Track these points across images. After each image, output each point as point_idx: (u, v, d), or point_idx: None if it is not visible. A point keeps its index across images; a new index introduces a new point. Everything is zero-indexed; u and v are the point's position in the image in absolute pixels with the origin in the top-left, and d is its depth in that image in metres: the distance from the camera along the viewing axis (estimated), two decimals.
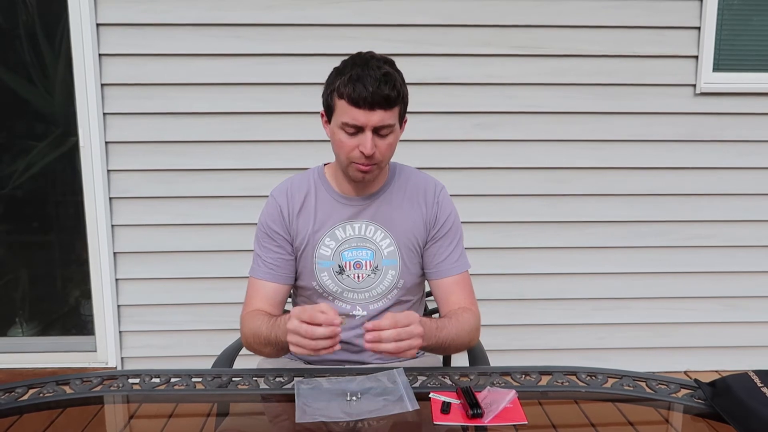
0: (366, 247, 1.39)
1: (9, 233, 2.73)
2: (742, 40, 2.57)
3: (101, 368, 2.64)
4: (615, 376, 1.23)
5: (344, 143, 1.29)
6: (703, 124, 2.59)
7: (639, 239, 2.66)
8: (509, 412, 1.07)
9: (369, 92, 1.22)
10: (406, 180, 1.44)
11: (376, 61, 1.27)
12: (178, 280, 2.59)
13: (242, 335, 1.38)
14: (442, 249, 1.42)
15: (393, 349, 1.09)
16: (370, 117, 1.24)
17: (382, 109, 1.24)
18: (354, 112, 1.24)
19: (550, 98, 2.54)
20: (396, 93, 1.25)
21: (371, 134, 1.26)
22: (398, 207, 1.41)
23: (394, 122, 1.28)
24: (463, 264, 1.44)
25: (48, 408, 1.15)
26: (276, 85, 2.46)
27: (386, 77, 1.24)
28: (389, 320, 1.10)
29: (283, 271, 1.41)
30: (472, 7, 2.46)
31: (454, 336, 1.30)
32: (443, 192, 1.45)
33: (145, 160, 2.50)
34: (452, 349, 1.34)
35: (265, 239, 1.41)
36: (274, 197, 1.42)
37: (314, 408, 1.08)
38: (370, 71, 1.23)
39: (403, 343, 1.10)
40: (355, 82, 1.23)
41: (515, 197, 2.61)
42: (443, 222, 1.42)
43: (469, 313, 1.37)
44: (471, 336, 1.36)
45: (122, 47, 2.42)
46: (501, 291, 2.64)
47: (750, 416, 1.02)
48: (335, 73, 1.30)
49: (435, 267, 1.42)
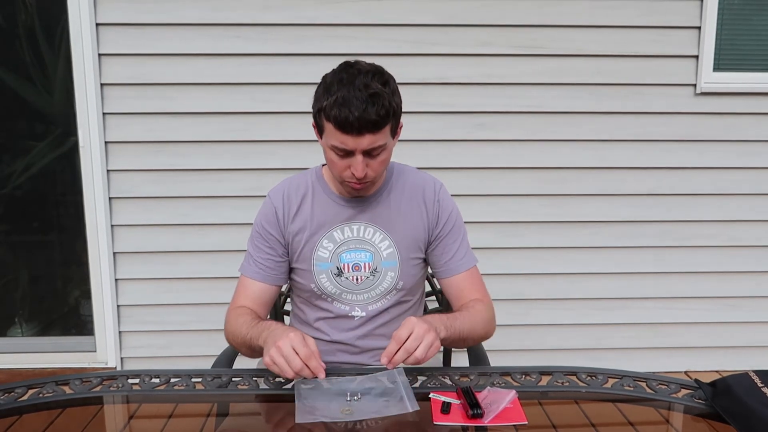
0: (365, 249, 1.38)
1: (9, 233, 2.73)
2: (742, 39, 2.56)
3: (101, 368, 2.64)
4: (615, 376, 1.23)
5: (336, 163, 1.27)
6: (703, 124, 2.59)
7: (639, 239, 2.66)
8: (509, 413, 1.07)
9: (355, 117, 1.17)
10: (404, 181, 1.43)
11: (363, 77, 1.19)
12: (177, 280, 2.59)
13: (225, 331, 1.38)
14: (448, 247, 1.41)
15: (413, 361, 1.11)
16: (359, 142, 1.20)
17: (370, 133, 1.20)
18: (342, 137, 1.20)
19: (550, 98, 2.54)
20: (384, 112, 1.19)
21: (361, 157, 1.23)
22: (397, 208, 1.40)
23: (384, 141, 1.24)
24: (471, 259, 1.43)
25: (48, 408, 1.15)
26: (276, 84, 2.47)
27: (373, 98, 1.17)
28: (394, 343, 1.12)
29: (273, 272, 1.40)
30: (472, 6, 2.45)
31: (469, 327, 1.30)
32: (443, 190, 1.44)
33: (145, 160, 2.50)
34: (470, 340, 1.35)
35: (258, 239, 1.41)
36: (270, 198, 1.42)
37: (314, 408, 1.08)
38: (356, 92, 1.17)
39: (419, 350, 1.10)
40: (340, 106, 1.17)
41: (515, 197, 2.61)
42: (446, 220, 1.41)
43: (481, 305, 1.37)
44: (486, 327, 1.37)
45: (122, 47, 2.42)
46: (501, 291, 2.64)
47: (750, 416, 1.02)
48: (322, 90, 1.23)
49: (444, 266, 1.42)
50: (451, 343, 1.31)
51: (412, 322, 1.13)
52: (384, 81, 1.23)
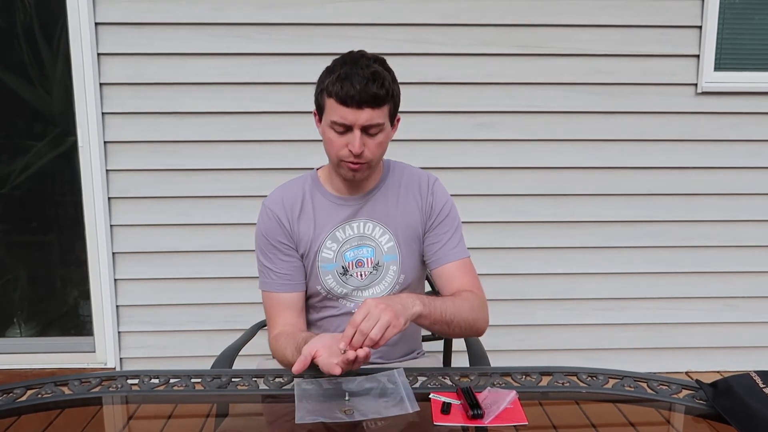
0: (366, 245, 1.39)
1: (7, 233, 2.73)
2: (743, 39, 2.56)
3: (100, 369, 2.63)
4: (616, 376, 1.23)
5: (333, 141, 1.29)
6: (704, 124, 2.58)
7: (639, 239, 2.66)
8: (510, 413, 1.07)
9: (356, 90, 1.22)
10: (400, 175, 1.44)
11: (366, 59, 1.26)
12: (177, 280, 2.59)
13: (276, 360, 1.37)
14: (440, 236, 1.41)
15: (369, 343, 1.08)
16: (358, 116, 1.24)
17: (370, 108, 1.24)
18: (342, 110, 1.24)
19: (550, 98, 2.53)
20: (384, 92, 1.24)
21: (360, 133, 1.26)
22: (394, 202, 1.41)
23: (383, 121, 1.28)
24: (462, 251, 1.42)
25: (46, 409, 1.15)
26: (276, 84, 2.46)
27: (375, 76, 1.23)
28: (350, 327, 1.09)
29: (298, 278, 1.40)
30: (472, 6, 2.45)
31: (453, 309, 1.26)
32: (437, 183, 1.45)
33: (144, 159, 2.50)
34: (457, 326, 1.28)
35: (272, 250, 1.39)
36: (269, 208, 1.40)
37: (314, 408, 1.07)
38: (358, 69, 1.23)
39: (373, 331, 1.07)
40: (343, 80, 1.22)
41: (515, 197, 2.60)
42: (439, 210, 1.42)
43: (470, 294, 1.35)
44: (476, 313, 1.32)
45: (121, 46, 2.42)
46: (501, 291, 2.64)
47: (751, 417, 1.02)
48: (326, 72, 1.30)
49: (434, 255, 1.41)
50: (434, 323, 1.25)
51: (367, 304, 1.11)
52: (386, 68, 1.29)
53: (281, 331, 1.36)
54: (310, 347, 1.13)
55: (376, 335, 1.07)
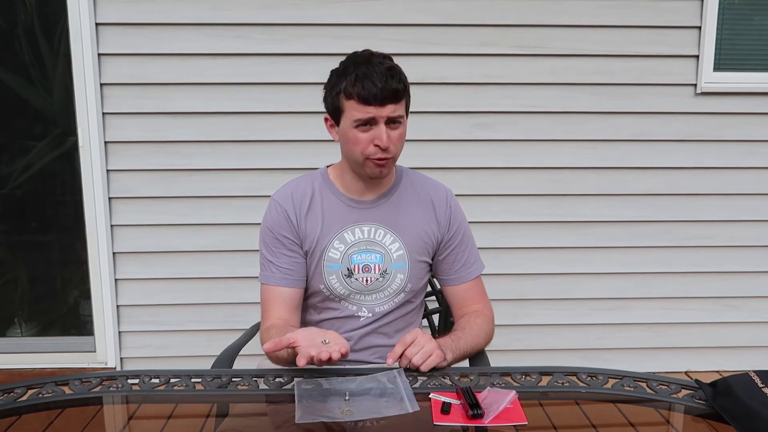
0: (375, 251, 1.39)
1: (8, 233, 2.73)
2: (743, 39, 2.56)
3: (100, 369, 2.63)
4: (615, 376, 1.23)
5: (359, 139, 1.29)
6: (703, 124, 2.58)
7: (639, 239, 2.66)
8: (509, 413, 1.07)
9: (378, 88, 1.24)
10: (413, 182, 1.45)
11: (377, 57, 1.29)
12: (177, 280, 2.59)
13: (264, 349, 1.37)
14: (459, 255, 1.45)
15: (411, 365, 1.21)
16: (381, 111, 1.26)
17: (392, 104, 1.27)
18: (366, 108, 1.26)
19: (550, 98, 2.53)
20: (402, 85, 1.28)
21: (385, 126, 1.28)
22: (407, 210, 1.41)
23: (403, 113, 1.31)
24: (479, 267, 1.49)
25: (47, 409, 1.15)
26: (276, 84, 2.46)
27: (391, 71, 1.26)
28: (399, 346, 1.22)
29: (298, 274, 1.40)
30: (472, 6, 2.45)
31: (473, 344, 1.36)
32: (454, 198, 1.47)
33: (145, 160, 2.50)
34: (472, 354, 1.39)
35: (276, 244, 1.39)
36: (277, 202, 1.40)
37: (314, 408, 1.07)
38: (374, 68, 1.25)
39: (417, 357, 1.20)
40: (362, 80, 1.24)
41: (515, 197, 2.60)
42: (456, 228, 1.44)
43: (482, 318, 1.42)
44: (487, 339, 1.43)
45: (121, 47, 2.42)
46: (501, 291, 2.64)
47: (751, 417, 1.02)
48: (336, 75, 1.30)
49: (453, 274, 1.46)
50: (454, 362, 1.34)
51: (416, 331, 1.22)
52: (395, 64, 1.31)
53: (273, 324, 1.36)
54: (293, 334, 1.15)
55: (418, 361, 1.20)
